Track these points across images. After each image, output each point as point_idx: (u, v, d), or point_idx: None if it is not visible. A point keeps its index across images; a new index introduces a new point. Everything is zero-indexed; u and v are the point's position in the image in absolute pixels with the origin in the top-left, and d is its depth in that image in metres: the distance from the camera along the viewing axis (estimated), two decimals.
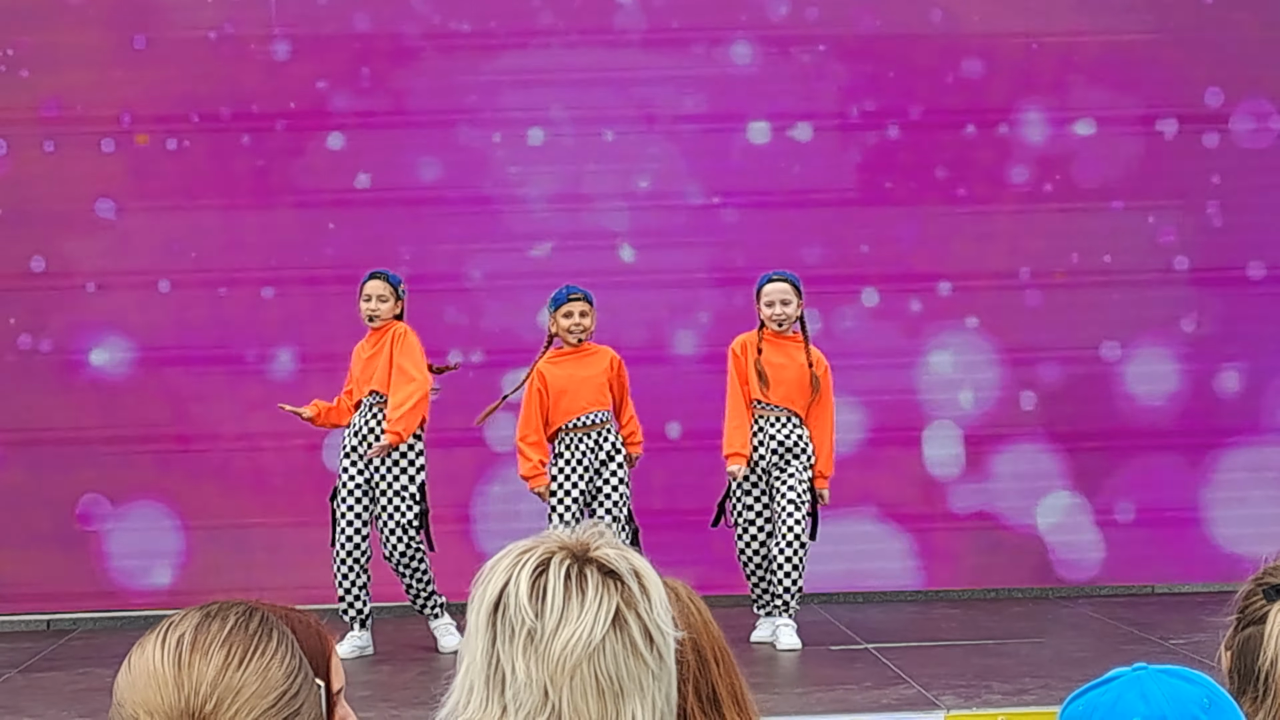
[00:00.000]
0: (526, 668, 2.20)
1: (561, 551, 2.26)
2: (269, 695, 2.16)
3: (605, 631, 2.21)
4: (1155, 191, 11.87)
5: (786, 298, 9.83)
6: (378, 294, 9.83)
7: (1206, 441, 11.79)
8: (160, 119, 11.59)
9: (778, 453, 9.77)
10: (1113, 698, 2.55)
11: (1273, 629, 2.93)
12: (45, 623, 11.46)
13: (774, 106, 11.82)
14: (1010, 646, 9.65)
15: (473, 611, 2.27)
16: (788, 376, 9.82)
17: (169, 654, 2.17)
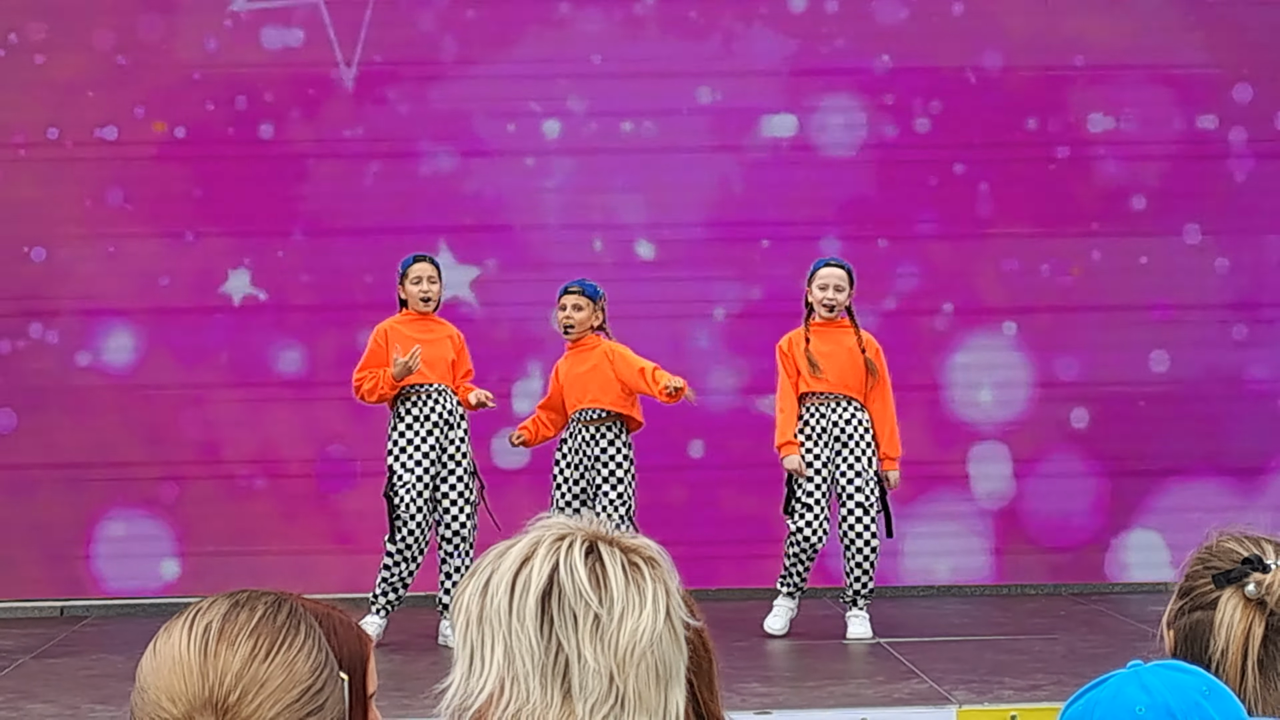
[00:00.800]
0: (594, 654, 2.20)
1: (600, 540, 2.26)
2: (294, 690, 2.15)
3: (663, 619, 2.23)
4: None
5: (840, 284, 9.82)
6: (429, 275, 9.87)
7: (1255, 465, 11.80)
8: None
9: (839, 439, 9.73)
10: (1112, 692, 2.55)
11: (1222, 617, 2.90)
12: (59, 609, 11.47)
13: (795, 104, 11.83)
14: (1023, 643, 9.65)
15: (501, 599, 2.24)
16: (839, 363, 9.78)
17: (195, 642, 2.15)
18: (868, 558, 9.72)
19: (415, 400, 9.74)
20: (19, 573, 11.47)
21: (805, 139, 11.82)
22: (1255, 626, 2.87)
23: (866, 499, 9.69)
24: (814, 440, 9.75)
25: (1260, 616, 2.88)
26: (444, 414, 9.75)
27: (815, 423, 9.77)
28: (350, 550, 11.37)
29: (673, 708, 2.25)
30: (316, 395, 11.52)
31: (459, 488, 9.74)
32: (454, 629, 2.31)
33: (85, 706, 8.10)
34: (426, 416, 9.73)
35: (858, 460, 9.72)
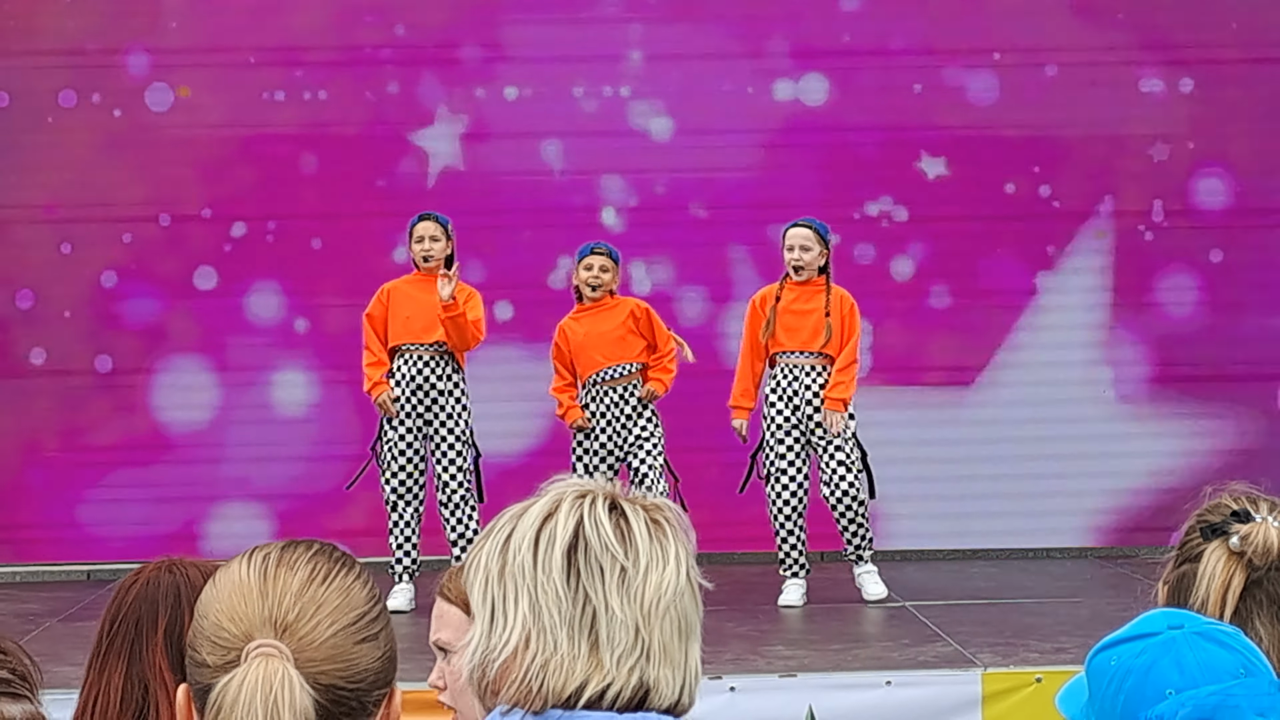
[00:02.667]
0: (621, 605, 2.23)
1: (621, 498, 2.30)
2: (350, 613, 2.21)
3: (685, 575, 2.27)
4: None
5: (807, 244, 9.73)
6: (430, 235, 9.81)
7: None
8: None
9: (810, 402, 9.65)
10: (1148, 661, 2.53)
11: (1205, 569, 2.92)
12: (85, 573, 11.51)
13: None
14: (1048, 605, 9.64)
15: (524, 554, 2.26)
16: (810, 323, 9.71)
17: (255, 568, 2.23)
18: (857, 512, 9.67)
19: (405, 359, 9.75)
20: (45, 536, 11.51)
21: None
22: (1235, 579, 2.89)
23: (847, 456, 9.65)
24: (784, 401, 9.70)
25: (1241, 569, 2.89)
26: (430, 378, 9.71)
27: (786, 385, 9.71)
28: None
29: (693, 663, 2.28)
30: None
31: (450, 454, 9.71)
32: (471, 587, 2.33)
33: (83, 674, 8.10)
34: (411, 378, 9.71)
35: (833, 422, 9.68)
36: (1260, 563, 2.89)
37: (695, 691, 2.29)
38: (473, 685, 2.31)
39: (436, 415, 9.71)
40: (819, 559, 10.27)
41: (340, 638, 2.18)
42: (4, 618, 9.69)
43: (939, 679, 7.77)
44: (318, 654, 2.16)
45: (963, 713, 7.64)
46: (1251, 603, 2.89)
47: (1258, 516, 2.93)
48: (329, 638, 2.17)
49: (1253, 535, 2.90)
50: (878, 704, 7.58)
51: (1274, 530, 2.90)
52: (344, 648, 2.18)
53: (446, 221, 9.91)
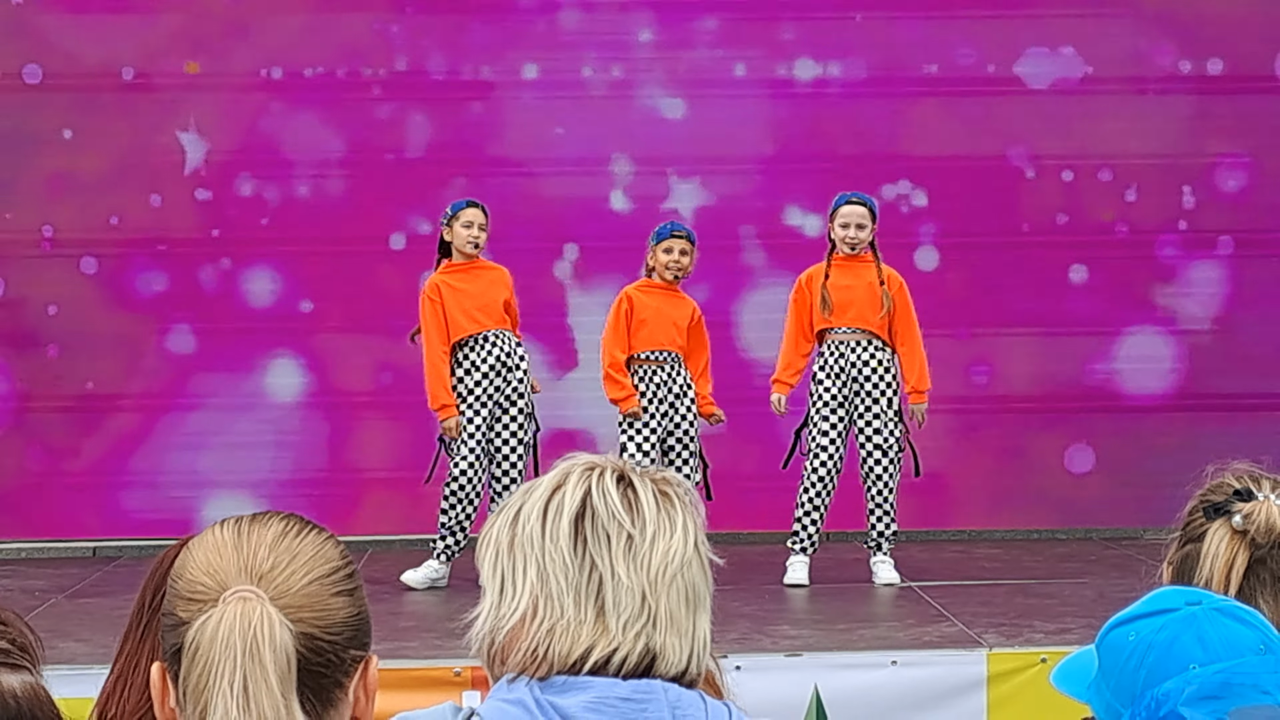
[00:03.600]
0: (627, 572, 2.25)
1: (627, 470, 2.33)
2: (325, 564, 2.22)
3: (693, 545, 2.30)
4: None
5: (862, 221, 9.71)
6: (480, 223, 9.78)
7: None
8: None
9: (857, 380, 9.67)
10: (1169, 636, 2.53)
11: (1209, 548, 2.93)
12: (91, 549, 11.53)
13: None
14: (1053, 586, 9.65)
15: (533, 524, 2.29)
16: (857, 297, 9.68)
17: (228, 528, 2.25)
18: (887, 499, 9.70)
19: (474, 347, 9.71)
20: (51, 512, 11.51)
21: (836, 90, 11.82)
22: (1238, 557, 2.89)
23: (885, 440, 9.66)
24: (831, 378, 9.69)
25: (1245, 547, 2.90)
26: (502, 357, 9.72)
27: (834, 361, 9.70)
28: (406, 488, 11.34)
29: (701, 633, 2.30)
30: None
31: (513, 428, 9.72)
32: (481, 562, 2.34)
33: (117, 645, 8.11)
34: (484, 361, 9.70)
35: (875, 402, 9.66)
36: (1263, 541, 2.90)
37: (705, 661, 2.31)
38: (481, 656, 2.32)
39: (508, 395, 9.71)
40: (826, 539, 10.26)
41: (316, 587, 2.19)
42: (10, 594, 9.70)
43: (944, 659, 7.78)
44: (294, 601, 2.16)
45: (968, 693, 7.65)
46: (1255, 581, 2.90)
47: (1260, 495, 2.93)
48: (305, 585, 2.18)
49: (1255, 514, 2.91)
50: (883, 683, 7.59)
51: (1276, 509, 2.91)
52: (320, 597, 2.19)
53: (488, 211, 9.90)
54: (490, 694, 2.29)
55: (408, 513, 11.08)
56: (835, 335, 9.71)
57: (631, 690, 2.23)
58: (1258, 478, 2.98)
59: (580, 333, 11.44)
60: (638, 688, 2.24)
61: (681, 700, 2.26)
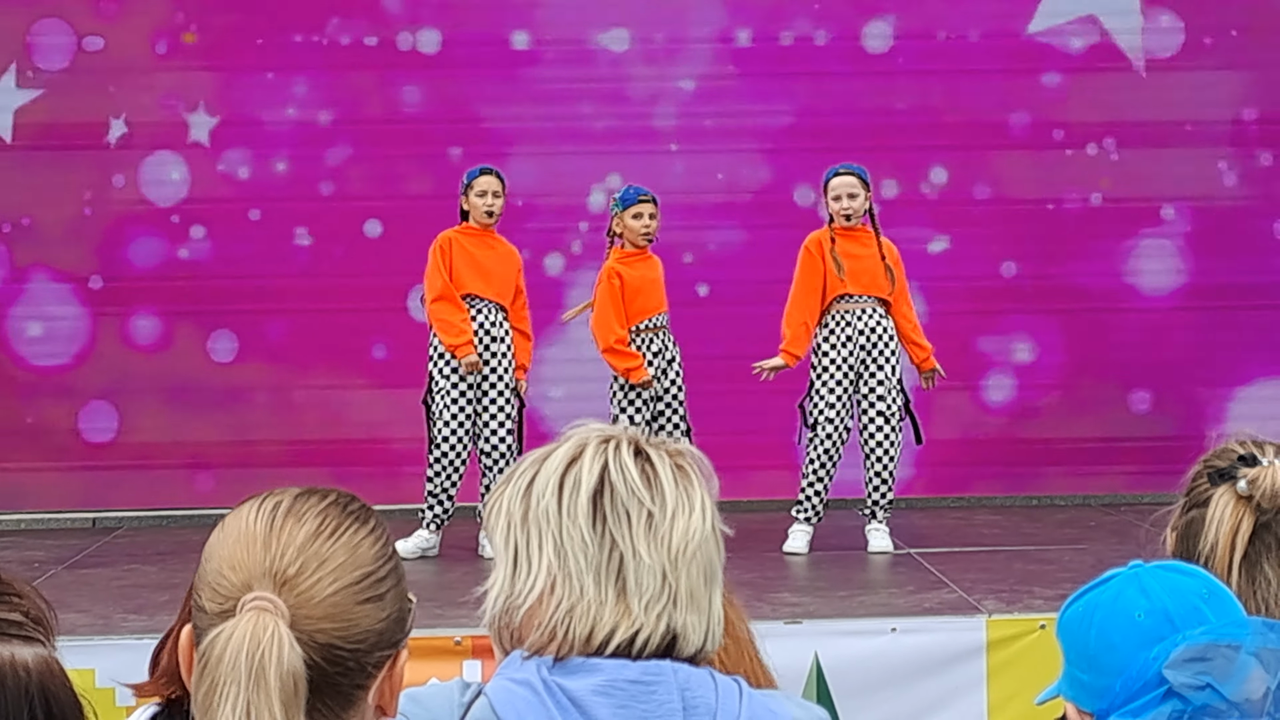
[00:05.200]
0: (648, 550, 2.22)
1: (646, 444, 2.30)
2: (355, 571, 2.15)
3: (710, 522, 2.27)
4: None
5: (854, 191, 9.72)
6: (494, 190, 9.76)
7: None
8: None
9: (864, 347, 9.67)
10: (1112, 594, 2.56)
11: (1214, 513, 2.93)
12: (91, 520, 11.53)
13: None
14: (1052, 553, 9.65)
15: (549, 499, 2.26)
16: (867, 266, 9.71)
17: (264, 516, 2.17)
18: (887, 467, 9.71)
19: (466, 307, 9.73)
20: (50, 483, 11.51)
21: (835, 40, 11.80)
22: (1244, 523, 2.90)
23: (888, 408, 9.66)
24: (840, 344, 9.69)
25: (1250, 513, 2.90)
26: (489, 327, 9.71)
27: (842, 328, 9.70)
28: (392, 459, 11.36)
29: (716, 608, 2.28)
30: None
31: (499, 402, 9.72)
32: (493, 533, 2.31)
33: (118, 616, 8.14)
34: (486, 331, 9.72)
35: (880, 369, 9.66)
36: (1268, 506, 2.90)
37: (719, 636, 2.29)
38: (493, 632, 2.29)
39: (492, 367, 9.70)
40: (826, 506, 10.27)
41: (341, 596, 2.13)
42: (9, 565, 9.69)
43: (944, 625, 7.79)
44: (316, 611, 2.11)
45: (968, 659, 7.65)
46: (1260, 546, 2.90)
47: (1264, 460, 2.93)
48: (329, 595, 2.12)
49: (1261, 479, 2.90)
50: (883, 650, 7.60)
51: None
52: (344, 607, 2.13)
53: (504, 178, 9.88)
54: (498, 671, 2.26)
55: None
56: (845, 304, 9.70)
57: (641, 672, 2.21)
58: (1261, 444, 2.98)
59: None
60: (647, 669, 2.21)
61: (691, 680, 2.23)
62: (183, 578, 9.22)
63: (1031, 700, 7.37)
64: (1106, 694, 2.53)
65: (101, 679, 7.24)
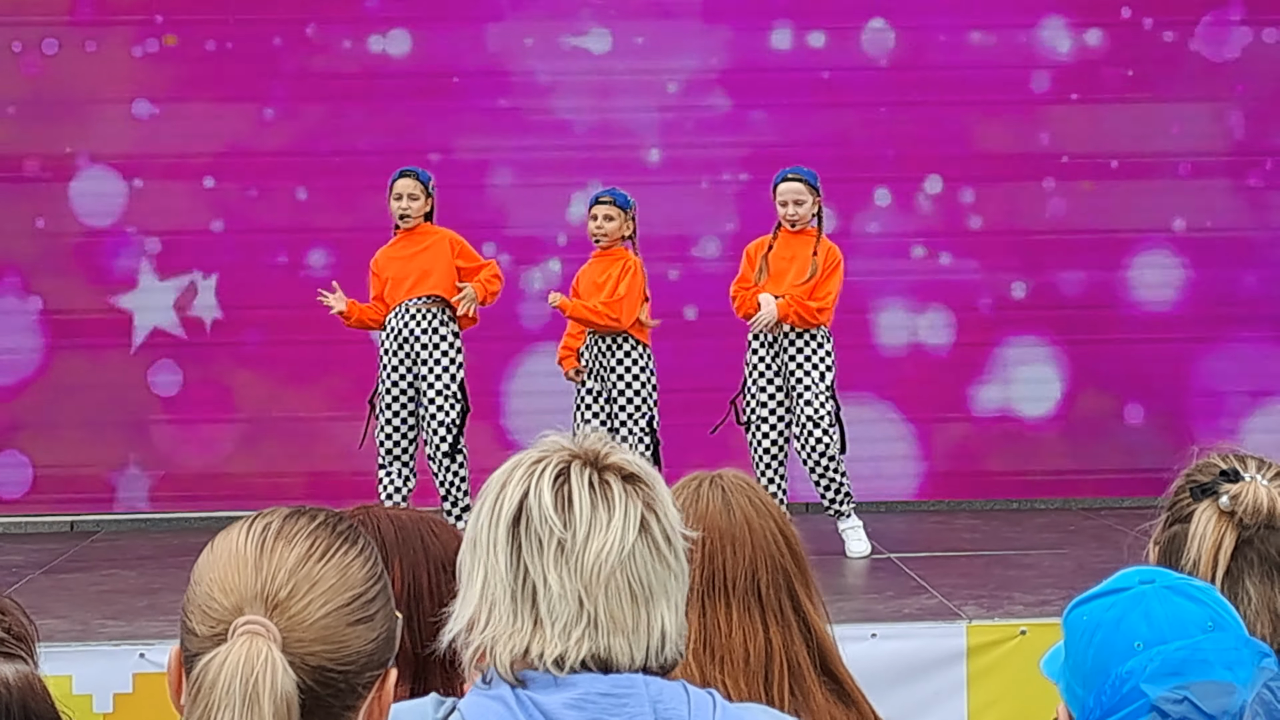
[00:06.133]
0: (560, 579, 2.21)
1: (576, 460, 2.26)
2: (346, 593, 2.15)
3: (635, 537, 2.23)
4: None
5: (800, 197, 9.71)
6: (409, 192, 9.77)
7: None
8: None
9: (789, 353, 9.64)
10: (1117, 615, 2.54)
11: (1196, 529, 2.92)
12: (69, 524, 11.50)
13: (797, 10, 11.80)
14: (1033, 557, 9.66)
15: (484, 527, 2.26)
16: (795, 269, 9.68)
17: (254, 538, 2.16)
18: (828, 468, 9.68)
19: (394, 315, 9.74)
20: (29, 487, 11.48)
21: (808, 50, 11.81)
22: (1226, 538, 2.89)
23: (816, 412, 9.62)
24: (765, 347, 9.69)
25: (1232, 528, 2.89)
26: (401, 330, 9.70)
27: (769, 332, 9.70)
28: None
29: (658, 626, 2.24)
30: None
31: (431, 409, 9.69)
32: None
33: (96, 622, 8.12)
34: (397, 332, 9.71)
35: (807, 374, 9.65)
36: (1250, 521, 2.89)
37: (670, 651, 2.25)
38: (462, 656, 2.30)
39: (423, 369, 9.68)
40: (803, 510, 10.27)
41: (333, 618, 2.12)
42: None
43: (924, 631, 7.79)
44: (308, 634, 2.10)
45: (948, 665, 7.65)
46: (1242, 561, 2.89)
47: (1246, 475, 2.92)
48: (320, 618, 2.12)
49: (1243, 494, 2.89)
50: (863, 656, 7.52)
51: (1263, 489, 2.90)
52: (336, 629, 2.12)
53: (428, 179, 9.86)
54: (472, 689, 2.26)
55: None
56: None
57: (611, 685, 2.21)
58: (1243, 458, 2.97)
59: None
60: (618, 682, 2.21)
61: (664, 693, 2.23)
62: (162, 583, 9.27)
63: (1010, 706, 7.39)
64: (1091, 710, 2.52)
65: (79, 685, 7.24)
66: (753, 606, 3.17)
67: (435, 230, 9.85)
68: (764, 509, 3.22)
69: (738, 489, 3.22)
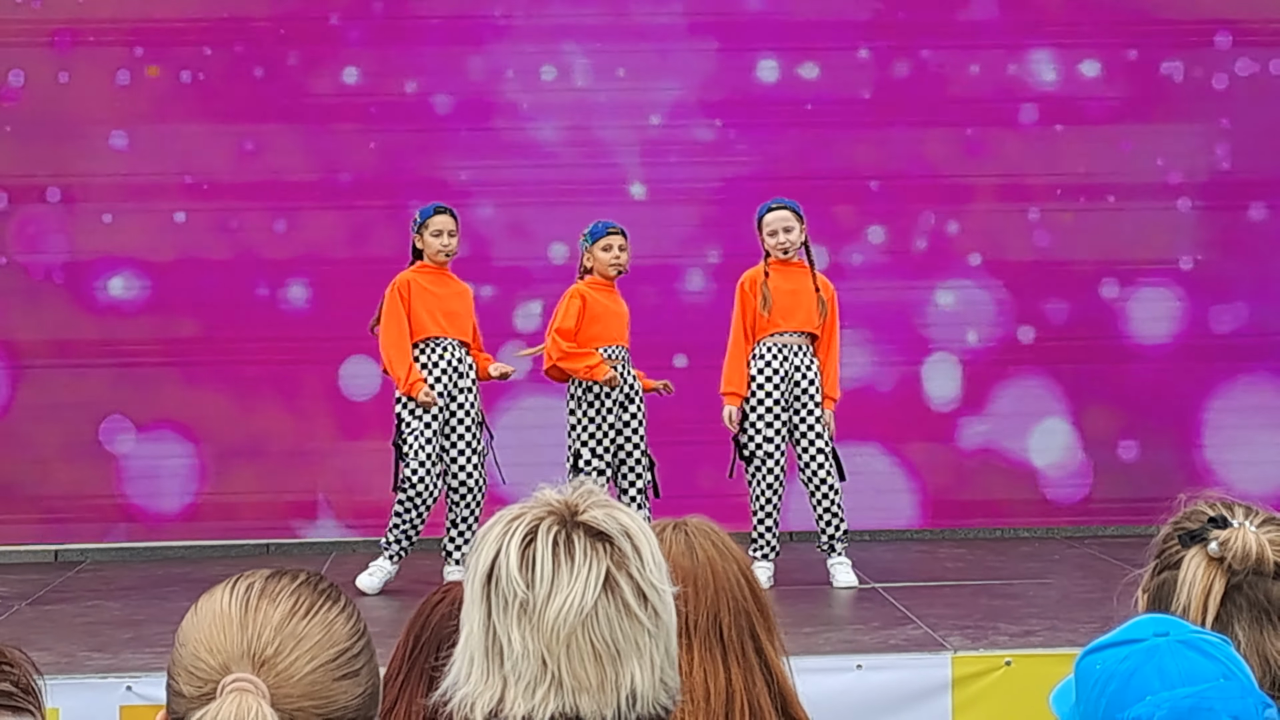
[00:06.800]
0: (523, 639, 2.21)
1: (550, 517, 2.26)
2: (331, 649, 2.17)
3: (596, 597, 2.22)
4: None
5: (789, 225, 9.74)
6: (450, 230, 9.77)
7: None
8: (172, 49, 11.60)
9: (796, 383, 9.68)
10: (1131, 668, 2.55)
11: (1185, 576, 2.94)
12: (53, 554, 11.48)
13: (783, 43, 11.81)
14: (1017, 587, 9.67)
15: (468, 583, 2.28)
16: (800, 302, 9.72)
17: (238, 598, 2.18)
18: (834, 502, 9.72)
19: (431, 349, 9.72)
20: (13, 517, 11.46)
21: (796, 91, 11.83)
22: (1215, 584, 2.91)
23: (827, 444, 9.68)
24: (774, 382, 9.71)
25: (1221, 575, 2.91)
26: (454, 363, 9.73)
27: (776, 364, 9.71)
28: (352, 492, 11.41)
29: (626, 684, 2.23)
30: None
31: (466, 437, 9.73)
32: None
33: (82, 654, 8.10)
34: (436, 364, 9.71)
35: (817, 405, 9.69)
36: (1240, 567, 2.91)
37: (645, 709, 2.25)
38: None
39: (459, 403, 9.73)
40: (789, 539, 10.28)
41: (319, 674, 2.14)
42: None
43: (910, 662, 7.78)
44: (295, 690, 2.11)
45: (933, 696, 7.65)
46: (1231, 607, 2.91)
47: (1234, 522, 2.94)
48: (308, 674, 2.13)
49: (1232, 540, 2.92)
50: (849, 688, 7.58)
51: (1252, 535, 2.92)
52: (323, 684, 2.14)
53: (458, 217, 9.91)
54: None
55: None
56: (778, 339, 9.72)
57: None
58: (1231, 505, 2.99)
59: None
60: None
61: None
62: (146, 614, 9.25)
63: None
64: None
65: (66, 718, 7.23)
66: (714, 647, 3.21)
67: (456, 277, 9.91)
68: (727, 553, 3.28)
69: (701, 533, 3.29)
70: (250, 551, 11.48)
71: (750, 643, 3.25)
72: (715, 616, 3.23)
